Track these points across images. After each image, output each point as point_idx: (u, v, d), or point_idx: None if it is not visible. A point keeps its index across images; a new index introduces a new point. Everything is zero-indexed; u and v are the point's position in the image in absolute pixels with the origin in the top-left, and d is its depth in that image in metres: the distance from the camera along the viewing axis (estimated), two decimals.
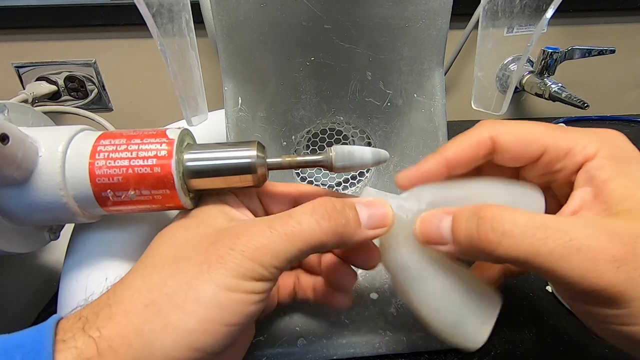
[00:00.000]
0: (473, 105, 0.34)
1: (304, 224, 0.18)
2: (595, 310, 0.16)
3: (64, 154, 0.20)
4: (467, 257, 0.19)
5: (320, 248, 0.19)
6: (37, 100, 0.53)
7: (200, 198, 0.23)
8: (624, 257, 0.14)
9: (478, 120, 0.22)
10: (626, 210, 0.16)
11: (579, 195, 0.18)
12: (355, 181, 0.36)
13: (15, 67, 0.55)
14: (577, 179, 0.19)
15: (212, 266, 0.17)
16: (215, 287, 0.17)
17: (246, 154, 0.21)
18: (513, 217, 0.16)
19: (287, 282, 0.27)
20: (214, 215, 0.21)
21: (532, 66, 0.55)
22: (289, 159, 0.21)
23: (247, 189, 0.23)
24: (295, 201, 0.25)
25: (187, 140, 0.22)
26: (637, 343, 0.15)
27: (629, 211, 0.16)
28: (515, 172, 0.23)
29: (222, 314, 0.17)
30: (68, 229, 0.27)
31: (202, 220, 0.21)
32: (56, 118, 0.53)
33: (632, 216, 0.16)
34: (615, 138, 0.19)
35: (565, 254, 0.15)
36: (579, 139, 0.19)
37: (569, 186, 0.20)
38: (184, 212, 0.22)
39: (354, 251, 0.24)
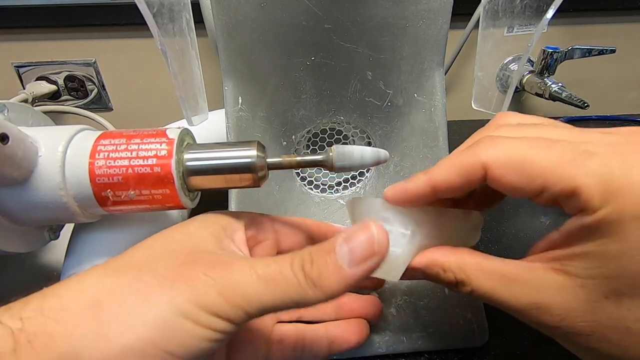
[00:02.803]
0: (473, 105, 0.34)
1: (284, 273, 0.16)
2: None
3: (63, 153, 0.20)
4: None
5: (301, 303, 0.17)
6: (37, 100, 0.52)
7: (201, 197, 0.23)
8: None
9: (478, 120, 0.22)
10: (626, 282, 0.15)
11: (575, 248, 0.16)
12: (355, 181, 0.36)
13: (15, 67, 0.55)
14: (574, 224, 0.16)
15: (177, 283, 0.16)
16: (171, 308, 0.15)
17: (246, 154, 0.21)
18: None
19: (287, 346, 0.23)
20: (204, 237, 0.19)
21: (532, 66, 0.55)
22: (289, 158, 0.21)
23: (246, 188, 0.23)
24: (312, 237, 0.24)
25: (187, 140, 0.22)
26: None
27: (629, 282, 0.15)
28: None
29: (168, 340, 0.15)
30: (68, 229, 0.27)
31: (189, 236, 0.19)
32: (56, 118, 0.53)
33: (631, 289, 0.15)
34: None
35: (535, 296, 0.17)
36: (583, 177, 0.15)
37: None
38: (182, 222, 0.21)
39: None
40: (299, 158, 0.22)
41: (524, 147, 0.17)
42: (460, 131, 0.22)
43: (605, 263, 0.15)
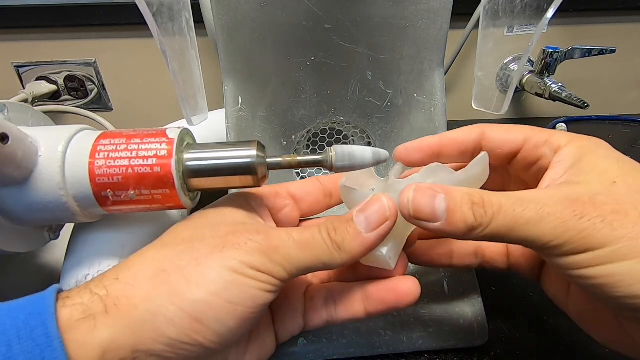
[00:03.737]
0: (473, 105, 0.34)
1: (316, 238, 0.20)
2: (570, 260, 0.17)
3: (63, 153, 0.20)
4: (452, 237, 0.20)
5: (329, 264, 0.20)
6: (37, 100, 0.52)
7: (201, 197, 0.23)
8: (584, 210, 0.17)
9: (478, 120, 0.23)
10: (586, 180, 0.19)
11: (550, 175, 0.21)
12: None
13: (15, 66, 0.55)
14: (551, 163, 0.21)
15: (227, 248, 0.18)
16: (222, 265, 0.18)
17: (246, 154, 0.21)
18: (498, 200, 0.18)
19: (317, 303, 0.24)
20: (235, 211, 0.22)
21: (533, 66, 0.55)
22: (289, 158, 0.21)
23: (246, 188, 0.23)
24: (327, 192, 0.26)
25: (187, 140, 0.22)
26: (610, 286, 0.17)
27: (589, 181, 0.19)
28: (504, 174, 0.25)
29: (226, 291, 0.18)
30: (68, 229, 0.27)
31: (223, 212, 0.22)
32: (56, 118, 0.53)
33: (591, 182, 0.19)
34: (591, 138, 0.21)
35: (538, 220, 0.17)
36: (556, 133, 0.22)
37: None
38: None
39: None
40: (299, 158, 0.22)
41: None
42: None
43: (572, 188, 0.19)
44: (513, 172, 0.24)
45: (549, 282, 0.24)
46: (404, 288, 0.22)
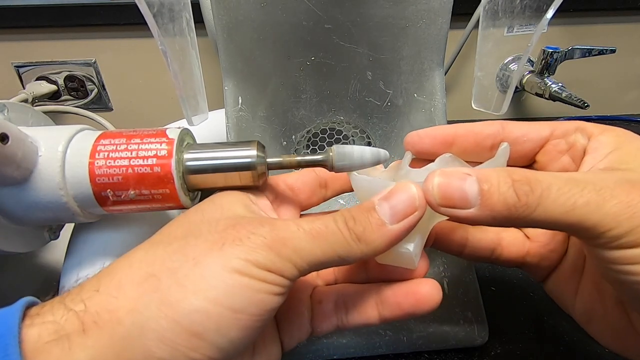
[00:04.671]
0: (473, 105, 0.34)
1: (330, 228, 0.17)
2: (628, 254, 0.15)
3: (63, 153, 0.20)
4: (489, 224, 0.17)
5: (346, 258, 0.17)
6: (37, 100, 0.52)
7: (201, 197, 0.23)
8: None
9: (478, 120, 0.22)
10: (634, 168, 0.17)
11: (588, 161, 0.19)
12: None
13: (15, 66, 0.55)
14: (588, 148, 0.19)
15: (227, 244, 0.16)
16: (224, 266, 0.15)
17: (246, 154, 0.21)
18: (545, 177, 0.16)
19: (327, 307, 0.22)
20: (233, 203, 0.19)
21: (532, 66, 0.55)
22: (289, 158, 0.21)
23: (246, 188, 0.23)
24: (323, 183, 0.24)
25: (187, 140, 0.22)
26: None
27: (636, 168, 0.17)
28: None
29: (227, 297, 0.15)
30: (68, 229, 0.27)
31: (219, 205, 0.19)
32: (56, 118, 0.53)
33: (638, 170, 0.17)
34: (622, 129, 0.20)
35: (601, 202, 0.15)
36: (584, 122, 0.21)
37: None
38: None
39: None
40: (299, 158, 0.22)
41: None
42: None
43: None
44: (538, 168, 0.22)
45: (558, 281, 0.23)
46: (423, 292, 0.20)
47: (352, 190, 0.24)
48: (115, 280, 0.15)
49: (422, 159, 0.23)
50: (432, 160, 0.22)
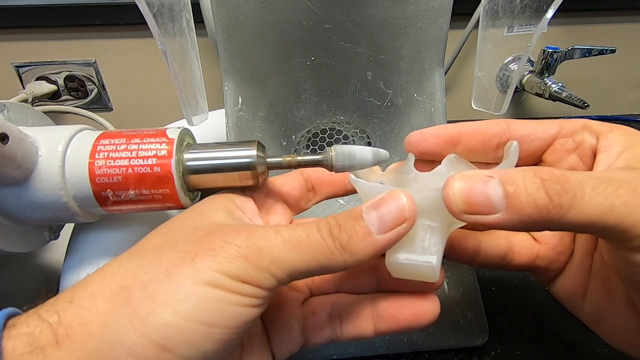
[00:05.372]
0: (473, 105, 0.34)
1: (312, 236, 0.16)
2: None
3: (63, 153, 0.20)
4: (516, 228, 0.16)
5: (328, 268, 0.17)
6: (37, 100, 0.52)
7: (200, 197, 0.23)
8: None
9: (478, 121, 0.22)
10: None
11: (602, 160, 0.18)
12: None
13: (15, 66, 0.55)
14: (599, 147, 0.19)
15: (199, 256, 0.15)
16: (196, 279, 0.15)
17: (246, 154, 0.21)
18: (575, 176, 0.15)
19: (320, 318, 0.21)
20: (215, 210, 0.19)
21: (532, 66, 0.55)
22: (289, 158, 0.21)
23: (246, 188, 0.23)
24: (310, 186, 0.23)
25: (187, 140, 0.22)
26: None
27: None
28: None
29: (200, 311, 0.15)
30: (68, 229, 0.27)
31: (200, 212, 0.19)
32: (56, 118, 0.53)
33: None
34: (627, 127, 0.20)
35: (639, 203, 0.14)
36: (590, 120, 0.20)
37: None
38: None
39: None
40: (299, 158, 0.22)
41: None
42: None
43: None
44: (546, 166, 0.21)
45: (566, 284, 0.22)
46: (422, 306, 0.19)
47: (342, 195, 0.24)
48: (88, 292, 0.15)
49: (423, 160, 0.22)
50: (434, 161, 0.22)
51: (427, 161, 0.22)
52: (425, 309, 0.19)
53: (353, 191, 0.23)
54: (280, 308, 0.21)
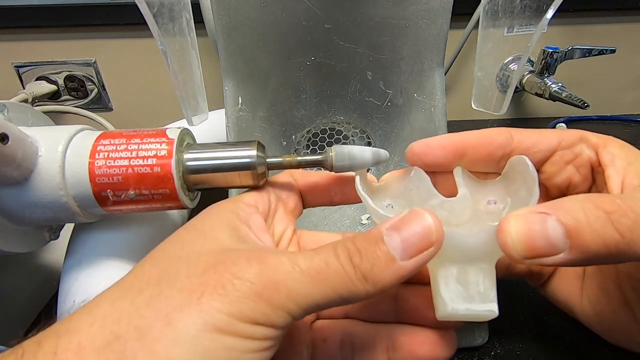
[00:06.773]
0: (473, 105, 0.34)
1: (332, 266, 0.15)
2: None
3: (63, 153, 0.20)
4: (579, 265, 0.15)
5: (348, 299, 0.15)
6: (37, 100, 0.52)
7: (200, 197, 0.23)
8: None
9: (478, 120, 0.22)
10: None
11: (614, 175, 0.18)
12: None
13: (15, 66, 0.55)
14: (603, 160, 0.19)
15: (206, 295, 0.13)
16: (203, 325, 0.13)
17: (246, 154, 0.21)
18: (637, 204, 0.14)
19: (331, 346, 0.20)
20: (218, 228, 0.17)
21: (532, 66, 0.55)
22: (289, 158, 0.21)
23: (246, 188, 0.23)
24: (306, 189, 0.22)
25: (187, 140, 0.22)
26: None
27: None
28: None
29: None
30: (68, 229, 0.27)
31: (202, 233, 0.17)
32: (56, 118, 0.53)
33: None
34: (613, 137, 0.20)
35: None
36: (584, 131, 0.20)
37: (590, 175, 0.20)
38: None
39: None
40: (299, 158, 0.22)
41: None
42: (460, 131, 0.21)
43: None
44: (543, 179, 0.21)
45: (560, 286, 0.22)
46: (441, 344, 0.18)
47: (327, 205, 0.23)
48: (74, 342, 0.13)
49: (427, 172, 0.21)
50: (436, 172, 0.21)
51: (432, 173, 0.21)
52: (444, 347, 0.19)
53: (339, 203, 0.23)
54: (289, 333, 0.19)
